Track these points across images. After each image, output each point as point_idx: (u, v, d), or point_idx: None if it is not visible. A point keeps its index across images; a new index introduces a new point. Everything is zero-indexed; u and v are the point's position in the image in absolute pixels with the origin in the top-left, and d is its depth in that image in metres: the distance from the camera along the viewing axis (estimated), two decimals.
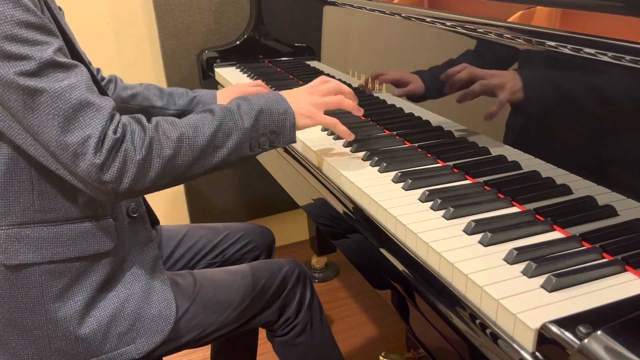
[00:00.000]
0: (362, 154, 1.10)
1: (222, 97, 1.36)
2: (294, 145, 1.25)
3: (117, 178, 0.80)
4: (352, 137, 1.09)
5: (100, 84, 0.88)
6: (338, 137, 1.19)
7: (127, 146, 0.80)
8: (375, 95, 1.33)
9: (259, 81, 1.48)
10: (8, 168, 0.85)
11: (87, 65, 0.88)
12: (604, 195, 0.80)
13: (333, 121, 1.03)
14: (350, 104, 1.06)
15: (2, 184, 0.85)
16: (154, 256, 1.01)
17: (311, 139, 1.20)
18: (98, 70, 1.26)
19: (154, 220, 1.17)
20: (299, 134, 1.23)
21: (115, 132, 0.80)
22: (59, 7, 0.98)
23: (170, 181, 0.86)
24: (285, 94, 1.00)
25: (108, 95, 0.90)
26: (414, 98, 1.19)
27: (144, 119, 0.86)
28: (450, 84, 1.05)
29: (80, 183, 0.82)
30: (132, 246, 0.99)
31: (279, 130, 0.95)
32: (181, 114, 1.31)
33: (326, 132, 1.24)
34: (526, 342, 0.62)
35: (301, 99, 1.00)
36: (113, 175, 0.79)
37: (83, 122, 0.77)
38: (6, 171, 0.85)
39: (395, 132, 1.20)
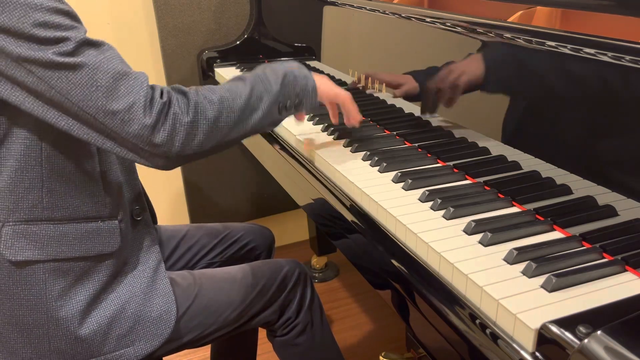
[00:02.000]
0: (362, 154, 1.10)
1: None
2: (294, 145, 1.25)
3: (168, 140, 0.82)
4: (358, 119, 1.12)
5: None
6: (338, 137, 1.19)
7: (175, 110, 0.83)
8: (375, 95, 1.33)
9: None
10: (20, 164, 0.85)
11: None
12: (604, 195, 0.80)
13: (348, 96, 1.08)
14: (355, 107, 1.11)
15: (13, 180, 0.86)
16: (157, 259, 1.02)
17: (312, 139, 1.20)
18: None
19: (153, 220, 1.17)
20: (299, 135, 1.24)
21: (161, 97, 0.83)
22: None
23: (214, 145, 0.89)
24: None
25: None
26: (411, 98, 1.19)
27: (183, 87, 0.89)
28: (444, 88, 1.06)
29: (132, 151, 0.84)
30: (135, 249, 1.00)
31: (302, 93, 1.00)
32: None
33: (326, 132, 1.24)
34: (526, 342, 0.62)
35: (320, 77, 1.07)
36: (164, 138, 0.82)
37: (126, 90, 0.80)
38: (17, 167, 0.85)
39: (395, 132, 1.20)
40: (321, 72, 1.61)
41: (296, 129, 1.26)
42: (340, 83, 1.50)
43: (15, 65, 0.76)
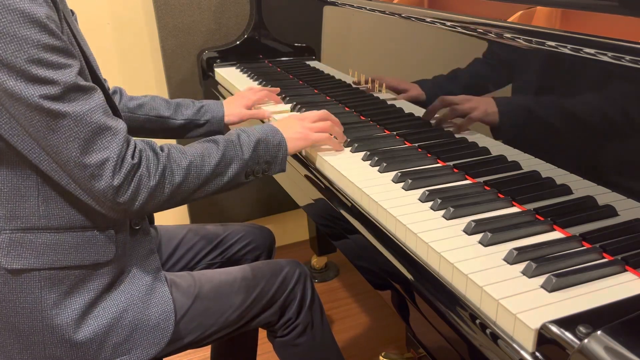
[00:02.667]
0: (362, 154, 1.10)
1: (229, 105, 1.36)
2: None
3: (130, 200, 0.85)
4: (344, 138, 1.16)
5: (112, 101, 0.92)
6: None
7: (143, 172, 0.85)
8: (375, 95, 1.33)
9: (265, 90, 1.47)
10: (15, 172, 0.85)
11: (103, 82, 0.92)
12: (604, 195, 0.80)
13: (325, 136, 1.11)
14: (338, 131, 1.15)
15: (9, 189, 0.86)
16: (155, 267, 1.01)
17: None
18: (104, 80, 1.26)
19: (150, 219, 1.17)
20: None
21: (132, 157, 0.85)
22: (72, 11, 0.98)
23: (175, 203, 0.92)
24: (278, 123, 1.09)
25: (119, 112, 0.94)
26: (415, 102, 1.19)
27: (156, 145, 0.91)
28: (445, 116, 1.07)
29: (94, 201, 0.86)
30: (133, 257, 0.99)
31: (272, 160, 1.03)
32: (188, 123, 1.32)
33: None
34: (526, 342, 0.62)
35: (294, 125, 1.10)
36: (127, 198, 0.84)
37: (101, 145, 0.81)
38: (13, 176, 0.85)
39: (395, 132, 1.20)
40: (321, 72, 1.61)
41: None
42: (340, 83, 1.50)
43: (2, 93, 0.77)
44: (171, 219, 2.18)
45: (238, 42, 1.96)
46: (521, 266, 0.72)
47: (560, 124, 0.85)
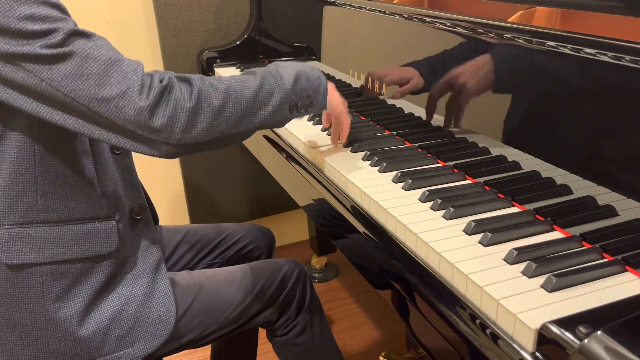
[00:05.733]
0: (362, 154, 1.10)
1: None
2: (294, 145, 1.25)
3: (168, 125, 0.79)
4: (345, 140, 1.15)
5: None
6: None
7: (177, 95, 0.80)
8: (375, 95, 1.33)
9: None
10: (13, 167, 0.85)
11: None
12: (604, 195, 0.80)
13: (347, 122, 1.09)
14: (346, 131, 1.12)
15: (7, 183, 0.85)
16: (157, 259, 1.01)
17: (312, 139, 1.20)
18: None
19: (154, 219, 1.17)
20: (299, 135, 1.24)
21: (161, 81, 0.80)
22: None
23: (219, 136, 0.85)
24: None
25: None
26: (416, 94, 1.19)
27: (187, 74, 0.85)
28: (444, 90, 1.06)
29: (132, 140, 0.80)
30: (134, 248, 0.99)
31: (313, 95, 0.97)
32: None
33: (326, 132, 1.24)
34: (526, 342, 0.62)
35: (332, 89, 1.05)
36: (164, 122, 0.79)
37: (117, 77, 0.77)
38: (11, 170, 0.85)
39: (395, 132, 1.20)
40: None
41: (296, 130, 1.26)
42: (340, 83, 1.50)
43: (2, 62, 0.75)
44: (171, 219, 2.18)
45: (238, 42, 1.96)
46: (521, 266, 0.72)
47: (560, 124, 0.85)
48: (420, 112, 1.17)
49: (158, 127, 0.79)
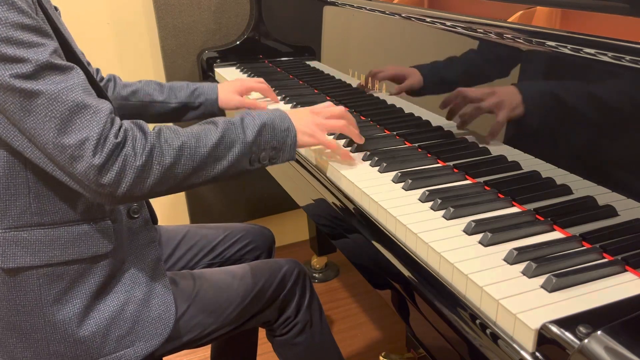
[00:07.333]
0: (362, 154, 1.10)
1: (223, 89, 1.36)
2: None
3: (115, 182, 0.79)
4: (362, 140, 1.11)
5: (98, 85, 0.88)
6: (338, 137, 1.19)
7: (128, 151, 0.80)
8: (375, 95, 1.33)
9: (261, 79, 1.48)
10: (4, 171, 0.84)
11: (86, 65, 0.87)
12: (604, 195, 0.80)
13: (334, 142, 1.04)
14: (353, 131, 1.08)
15: None
16: (155, 258, 1.01)
17: None
18: (97, 70, 1.26)
19: (153, 219, 1.17)
20: None
21: (116, 137, 0.79)
22: (55, 7, 0.97)
23: (168, 189, 0.86)
24: (289, 112, 1.01)
25: (107, 96, 0.90)
26: (413, 93, 1.19)
27: (145, 125, 0.86)
28: (450, 109, 1.06)
29: (78, 185, 0.81)
30: (132, 248, 0.98)
31: (279, 147, 0.95)
32: (183, 106, 1.32)
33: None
34: (526, 342, 0.62)
35: (305, 118, 1.01)
36: (111, 179, 0.79)
37: (80, 125, 0.77)
38: (2, 174, 0.84)
39: (395, 132, 1.20)
40: (321, 72, 1.61)
41: None
42: (340, 83, 1.50)
43: None
44: (171, 219, 2.18)
45: (238, 42, 1.96)
46: (521, 266, 0.72)
47: (560, 124, 0.85)
48: (421, 112, 1.17)
49: (105, 183, 0.79)
